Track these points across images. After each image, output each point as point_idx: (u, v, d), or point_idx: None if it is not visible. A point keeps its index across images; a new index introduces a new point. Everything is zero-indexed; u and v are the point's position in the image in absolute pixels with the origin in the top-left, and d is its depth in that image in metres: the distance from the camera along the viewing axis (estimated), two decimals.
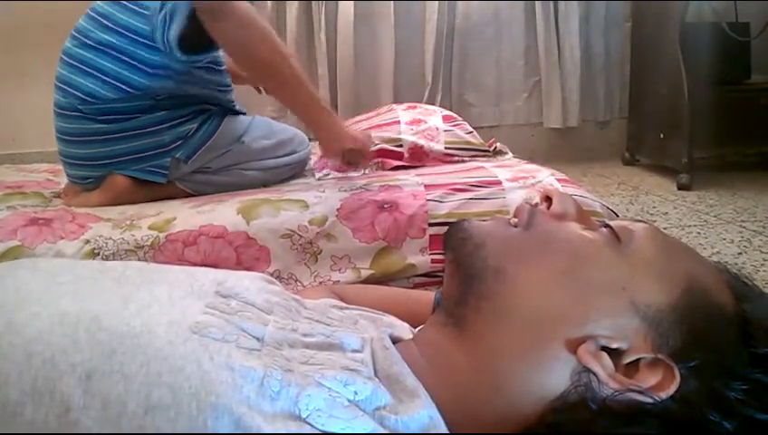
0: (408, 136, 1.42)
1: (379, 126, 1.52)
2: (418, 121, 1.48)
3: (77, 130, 1.23)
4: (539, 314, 0.48)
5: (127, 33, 1.19)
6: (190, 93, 1.25)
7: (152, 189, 1.28)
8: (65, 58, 1.25)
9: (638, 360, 0.45)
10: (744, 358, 0.47)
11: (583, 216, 0.56)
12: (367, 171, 1.39)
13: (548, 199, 0.58)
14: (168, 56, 1.17)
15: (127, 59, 1.18)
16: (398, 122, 1.50)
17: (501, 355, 0.48)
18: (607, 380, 0.44)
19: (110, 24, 1.20)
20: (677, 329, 0.46)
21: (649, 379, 0.44)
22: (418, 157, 1.40)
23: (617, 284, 0.48)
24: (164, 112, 1.22)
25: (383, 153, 1.42)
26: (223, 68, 1.33)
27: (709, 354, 0.46)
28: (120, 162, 1.23)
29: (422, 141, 1.41)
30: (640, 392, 0.44)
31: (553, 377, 0.46)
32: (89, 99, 1.19)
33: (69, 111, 1.22)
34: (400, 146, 1.41)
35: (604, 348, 0.46)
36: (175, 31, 1.11)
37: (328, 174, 1.42)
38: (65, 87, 1.23)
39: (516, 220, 0.55)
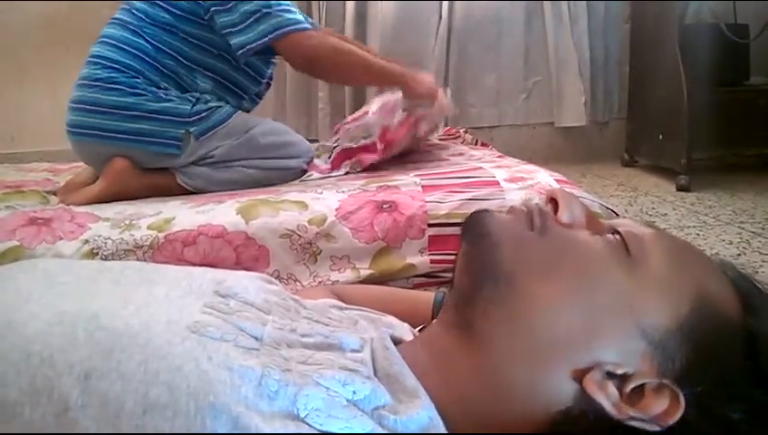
0: (373, 120, 1.42)
1: (349, 122, 1.52)
2: (385, 104, 1.47)
3: (99, 100, 1.29)
4: (546, 333, 0.46)
5: (181, 13, 1.32)
6: (230, 74, 1.38)
7: (151, 177, 1.30)
8: (108, 40, 1.34)
9: (642, 384, 0.45)
10: (749, 376, 0.46)
11: (590, 218, 0.54)
12: (342, 172, 1.39)
13: (552, 201, 0.55)
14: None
15: (182, 35, 1.31)
16: (367, 112, 1.50)
17: (506, 367, 0.47)
18: (611, 410, 0.44)
19: (167, 7, 1.32)
20: (683, 348, 0.46)
21: (654, 406, 0.44)
22: (388, 140, 1.39)
23: (624, 304, 0.47)
24: (192, 86, 1.34)
25: (357, 151, 1.42)
26: (273, 59, 1.47)
27: (713, 372, 0.45)
28: (137, 125, 1.28)
29: (386, 121, 1.40)
30: (645, 421, 0.43)
31: (557, 395, 0.46)
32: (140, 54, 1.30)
33: (106, 82, 1.29)
34: (371, 136, 1.41)
35: (609, 373, 0.45)
36: (244, 45, 1.28)
37: (311, 175, 1.42)
38: (105, 62, 1.31)
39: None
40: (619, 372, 0.45)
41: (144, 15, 1.32)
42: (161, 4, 1.31)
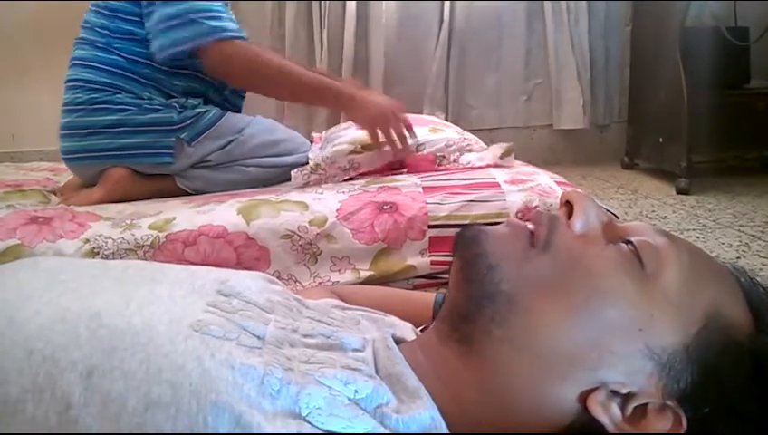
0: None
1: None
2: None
3: (87, 123, 1.28)
4: (552, 352, 0.45)
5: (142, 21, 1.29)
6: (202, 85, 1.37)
7: (151, 182, 1.30)
8: (81, 62, 1.32)
9: (646, 403, 0.44)
10: (754, 396, 0.46)
11: (607, 223, 0.52)
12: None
13: (567, 205, 0.52)
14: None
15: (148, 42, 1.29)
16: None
17: (507, 383, 0.46)
18: (614, 430, 0.44)
19: (128, 17, 1.29)
20: (689, 369, 0.45)
21: (656, 426, 0.43)
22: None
23: (634, 325, 0.45)
24: (176, 95, 1.32)
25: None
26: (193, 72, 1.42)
27: (718, 393, 0.45)
28: (127, 140, 1.28)
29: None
30: None
31: (559, 413, 0.45)
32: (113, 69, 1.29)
33: (89, 104, 1.28)
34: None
35: (613, 391, 0.44)
36: (160, 51, 1.26)
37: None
38: (84, 84, 1.29)
39: (532, 227, 0.51)
40: (624, 391, 0.44)
41: (108, 31, 1.30)
42: (121, 15, 1.29)
